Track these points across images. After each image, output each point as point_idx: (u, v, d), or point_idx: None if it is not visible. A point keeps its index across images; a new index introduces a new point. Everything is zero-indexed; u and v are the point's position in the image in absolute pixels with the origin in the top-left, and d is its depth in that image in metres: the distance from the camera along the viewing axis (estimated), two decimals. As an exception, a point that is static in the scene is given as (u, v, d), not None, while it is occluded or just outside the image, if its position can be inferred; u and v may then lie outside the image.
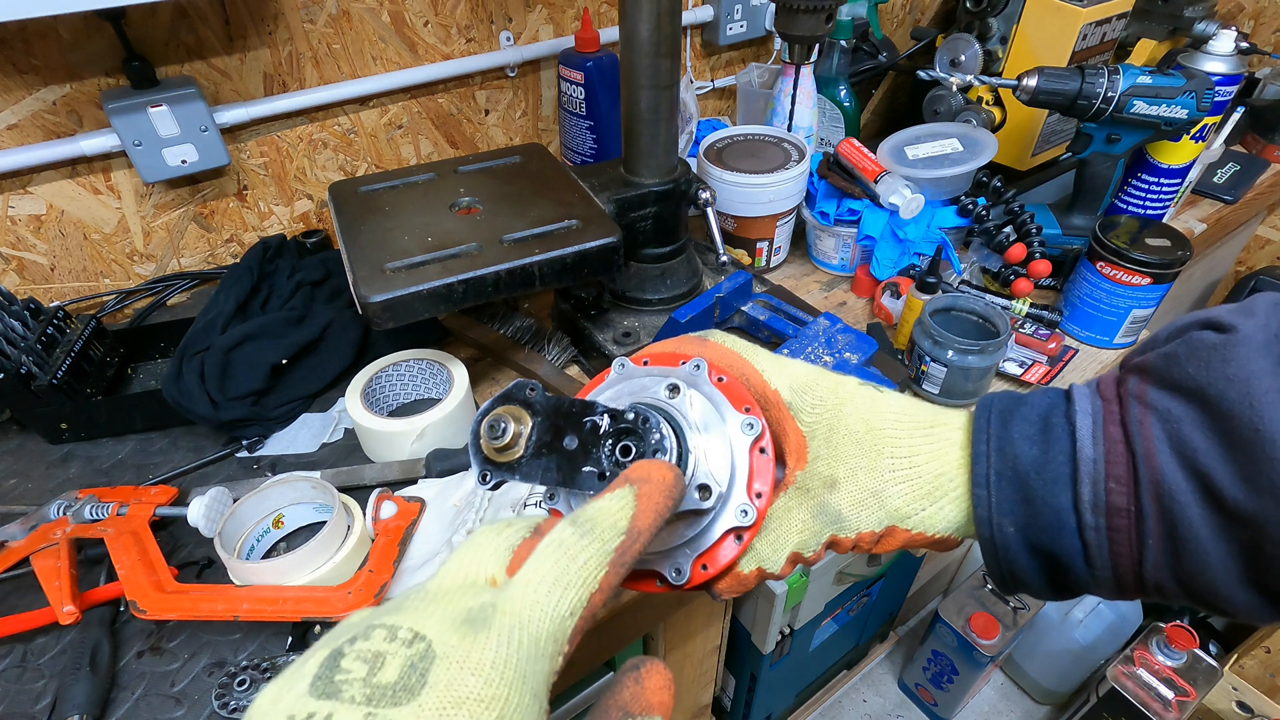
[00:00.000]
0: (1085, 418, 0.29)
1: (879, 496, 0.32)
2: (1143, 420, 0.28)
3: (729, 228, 0.87)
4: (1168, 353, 0.28)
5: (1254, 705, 1.15)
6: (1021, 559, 0.30)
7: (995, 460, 0.30)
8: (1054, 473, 0.29)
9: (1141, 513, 0.27)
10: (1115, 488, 0.28)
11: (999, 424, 0.31)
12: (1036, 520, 0.29)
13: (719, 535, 0.31)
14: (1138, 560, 0.28)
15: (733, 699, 1.19)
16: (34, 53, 0.70)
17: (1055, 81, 0.81)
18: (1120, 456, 0.28)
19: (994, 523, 0.30)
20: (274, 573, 0.51)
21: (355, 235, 0.64)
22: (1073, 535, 0.29)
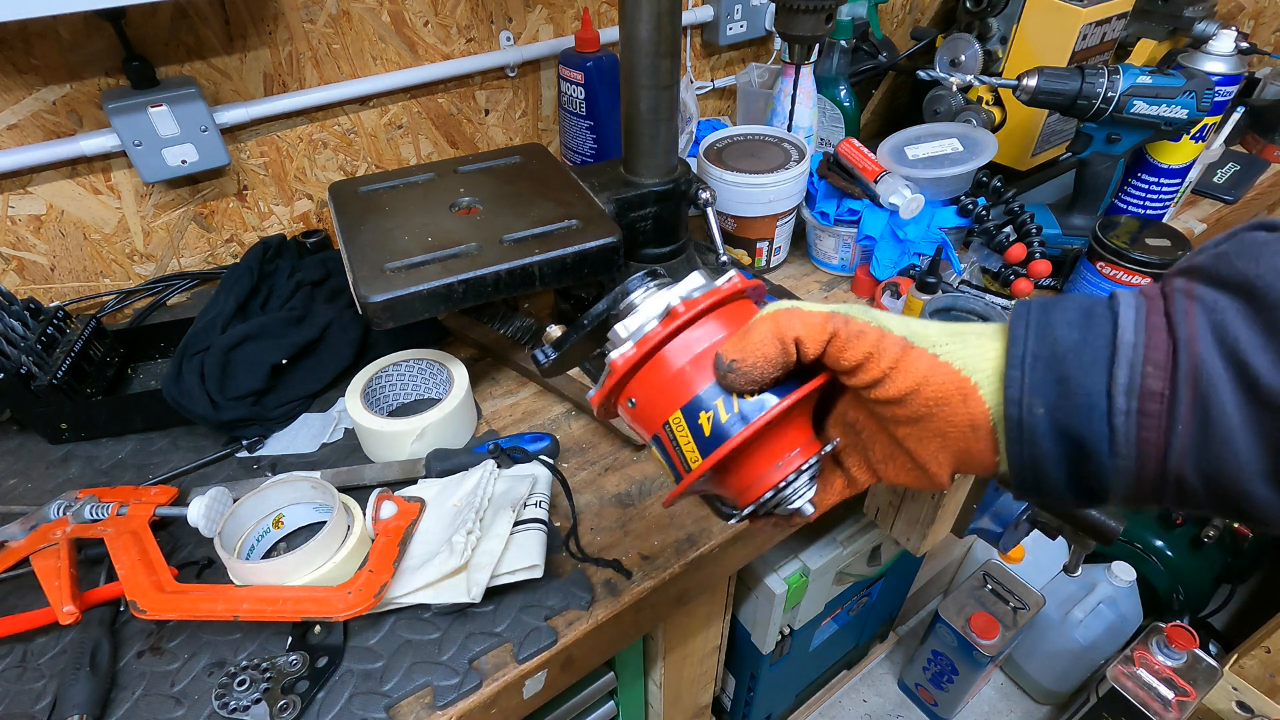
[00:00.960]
0: (1129, 309, 0.30)
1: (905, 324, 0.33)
2: (1188, 310, 0.29)
3: (729, 228, 0.87)
4: (1218, 252, 0.29)
5: (1254, 705, 1.15)
6: (1047, 444, 0.30)
7: (1033, 343, 0.31)
8: (1092, 355, 0.30)
9: (1175, 398, 0.28)
10: (1152, 372, 0.28)
11: (1040, 312, 0.32)
12: (1068, 401, 0.30)
13: (653, 324, 0.35)
14: (1164, 448, 0.28)
15: (733, 699, 1.19)
16: (34, 53, 0.70)
17: (1055, 81, 0.81)
18: (1161, 342, 0.29)
19: (1024, 403, 0.30)
20: (274, 573, 0.51)
21: (355, 235, 0.64)
22: (1101, 420, 0.29)
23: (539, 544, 0.55)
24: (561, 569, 0.57)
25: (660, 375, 0.34)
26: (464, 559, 0.52)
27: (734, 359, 0.32)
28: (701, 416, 0.34)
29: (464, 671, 0.50)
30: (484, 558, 0.53)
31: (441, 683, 0.50)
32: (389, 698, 0.49)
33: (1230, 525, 1.39)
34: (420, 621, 0.53)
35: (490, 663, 0.51)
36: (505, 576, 0.53)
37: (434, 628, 0.53)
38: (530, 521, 0.56)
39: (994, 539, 0.76)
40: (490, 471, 0.59)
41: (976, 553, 1.48)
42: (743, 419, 0.33)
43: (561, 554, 0.58)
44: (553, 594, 0.55)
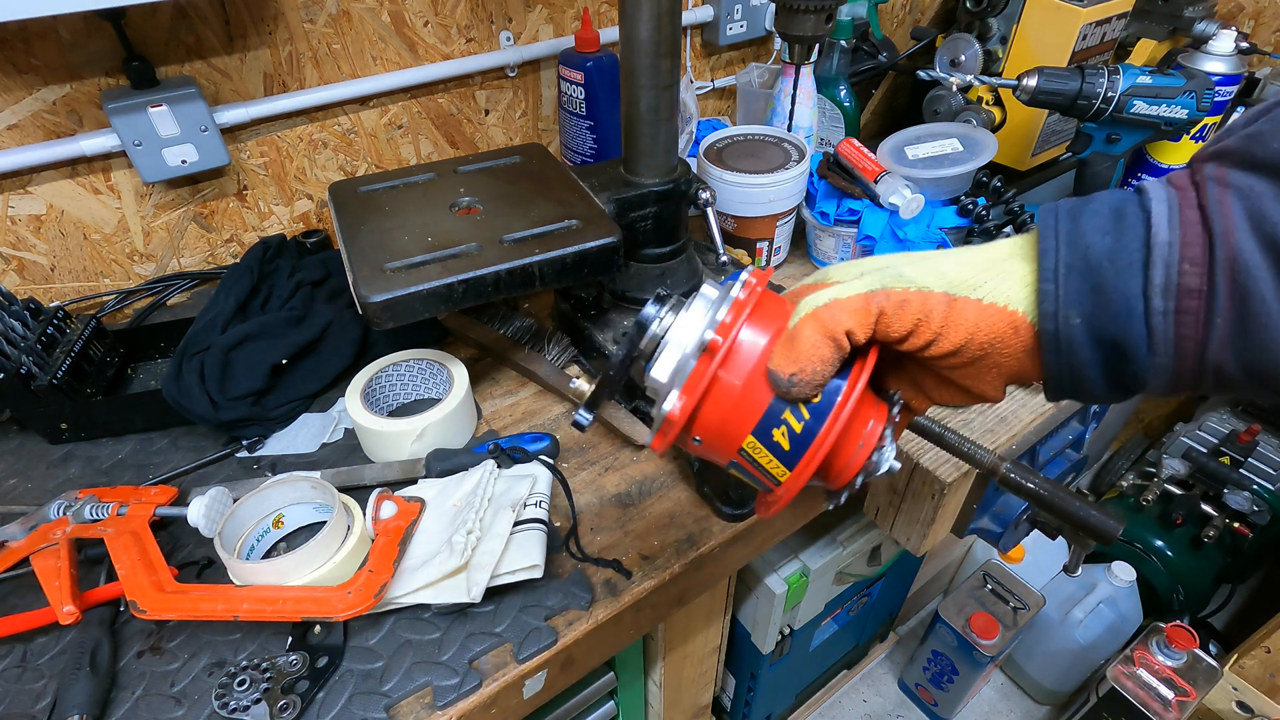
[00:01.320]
0: (1160, 204, 0.29)
1: (935, 270, 0.33)
2: (1222, 200, 0.28)
3: (729, 228, 0.87)
4: (1250, 133, 0.29)
5: (1254, 705, 1.15)
6: (1084, 352, 0.31)
7: (1065, 253, 0.30)
8: (1126, 259, 0.29)
9: (1213, 293, 0.28)
10: (1189, 269, 0.28)
11: (1068, 220, 0.31)
12: (1105, 308, 0.30)
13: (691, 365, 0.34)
14: (1202, 342, 0.28)
15: (733, 699, 1.19)
16: (34, 53, 0.70)
17: (1055, 81, 0.81)
18: (1196, 238, 0.28)
19: (1060, 316, 0.30)
20: (274, 573, 0.51)
21: (355, 235, 0.64)
22: (1140, 322, 0.29)
23: (539, 544, 0.55)
24: (561, 569, 0.57)
25: (720, 410, 0.34)
26: (464, 559, 0.52)
27: (793, 373, 0.32)
28: (775, 434, 0.34)
29: (464, 671, 0.50)
30: (484, 558, 0.53)
31: (441, 683, 0.50)
32: (389, 698, 0.49)
33: (1230, 525, 1.39)
34: (420, 621, 0.53)
35: (490, 663, 0.51)
36: (505, 576, 0.53)
37: (434, 628, 0.53)
38: (530, 521, 0.56)
39: (994, 539, 0.76)
40: (490, 471, 0.59)
41: (976, 553, 1.48)
42: (817, 421, 0.33)
43: (561, 554, 0.58)
44: (553, 594, 0.55)
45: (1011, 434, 0.69)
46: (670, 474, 0.65)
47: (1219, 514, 1.40)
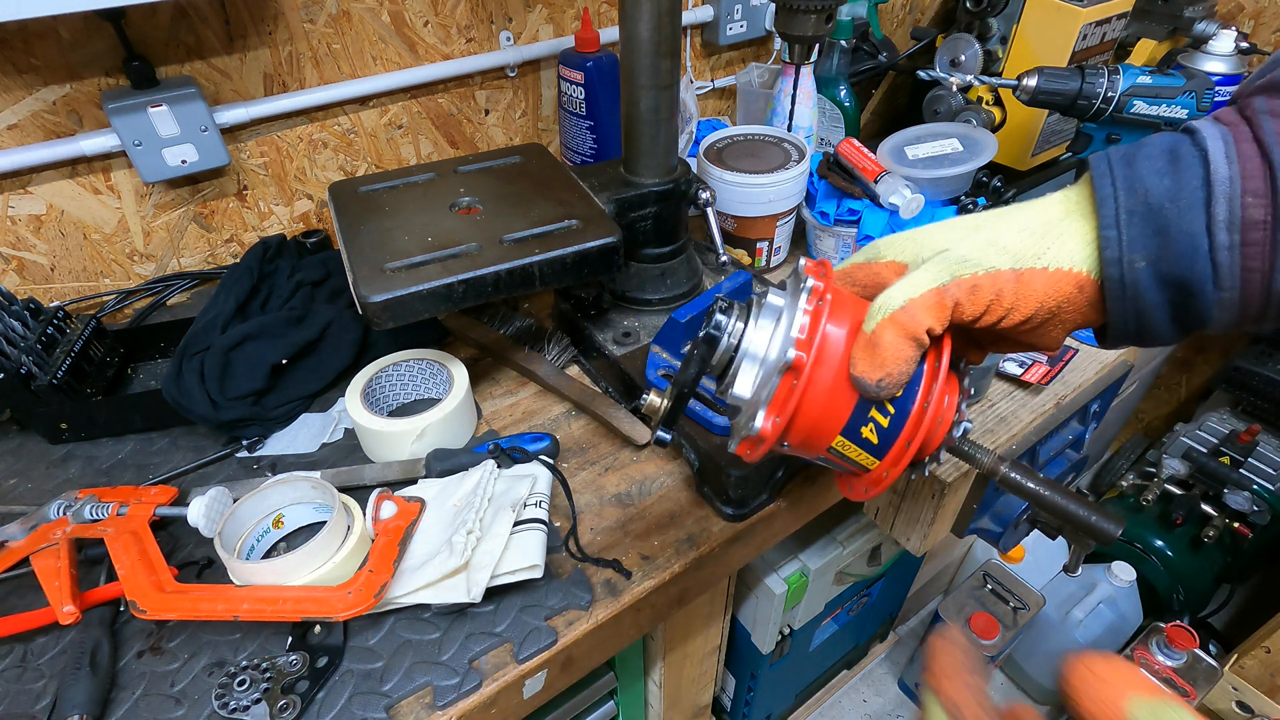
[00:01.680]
0: (1216, 141, 0.30)
1: (996, 244, 0.33)
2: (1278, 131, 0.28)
3: (729, 228, 0.87)
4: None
5: (1254, 705, 1.15)
6: (1151, 294, 0.31)
7: (1125, 199, 0.31)
8: (1188, 199, 0.29)
9: (1278, 221, 0.28)
10: (1252, 201, 0.28)
11: (1123, 166, 0.31)
12: (1170, 249, 0.30)
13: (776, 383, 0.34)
14: (1269, 272, 0.29)
15: (733, 699, 1.19)
16: (34, 53, 0.70)
17: (1055, 81, 0.81)
18: (1257, 170, 0.29)
19: (1124, 261, 0.31)
20: (274, 573, 0.51)
21: (355, 235, 0.64)
22: (1205, 259, 0.29)
23: (539, 544, 0.55)
24: (561, 569, 0.57)
25: (808, 420, 0.34)
26: (464, 559, 0.52)
27: (880, 378, 0.32)
28: (864, 432, 0.34)
29: (464, 671, 0.50)
30: (484, 558, 0.53)
31: (441, 683, 0.50)
32: (389, 698, 0.49)
33: (1230, 525, 1.39)
34: (420, 621, 0.53)
35: (490, 663, 0.51)
36: (505, 576, 0.53)
37: (434, 628, 0.53)
38: (530, 521, 0.56)
39: (994, 539, 0.76)
40: (490, 471, 0.59)
41: (976, 553, 1.48)
42: (902, 413, 0.34)
43: (561, 554, 0.58)
44: (553, 594, 0.55)
45: (1011, 434, 0.69)
46: (670, 474, 0.65)
47: (1219, 514, 1.40)
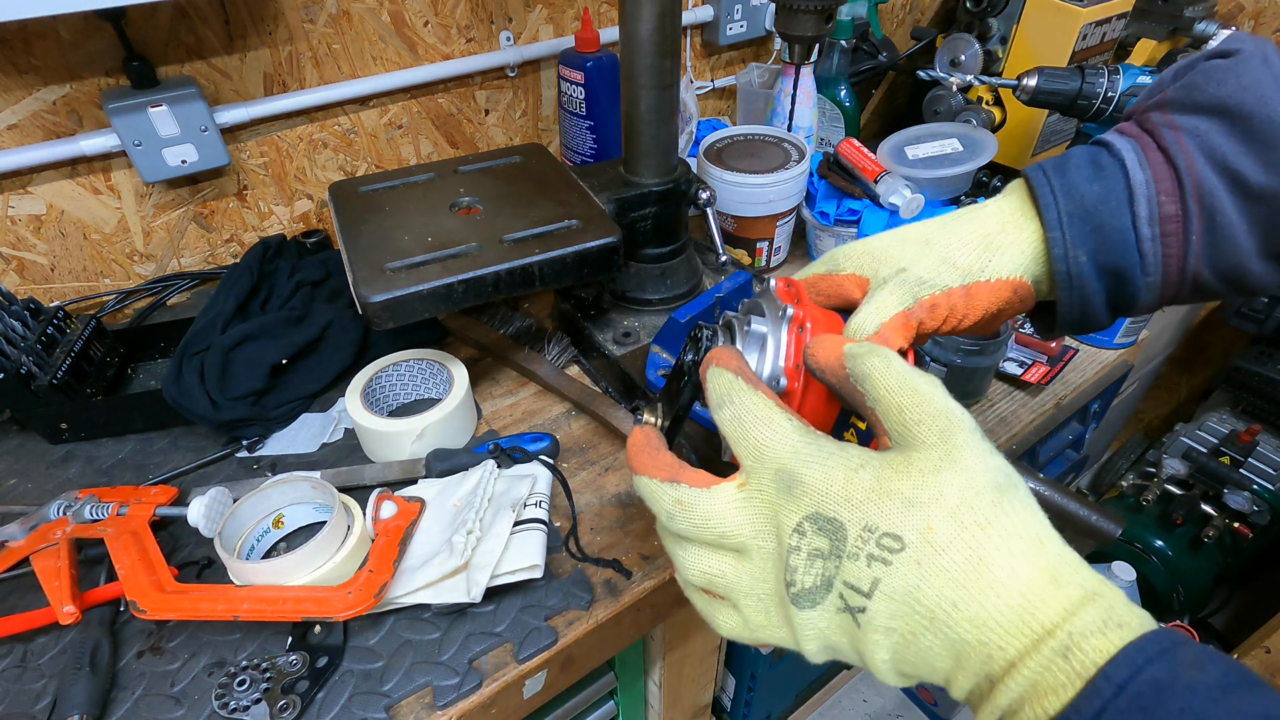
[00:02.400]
0: (1129, 152, 0.35)
1: (948, 261, 0.37)
2: (1177, 140, 0.34)
3: (729, 228, 0.87)
4: (1185, 84, 0.35)
5: (1254, 705, 1.15)
6: (1092, 283, 0.36)
7: (1064, 204, 0.35)
8: (1115, 200, 0.35)
9: (1187, 214, 0.34)
10: (1165, 199, 0.34)
11: (1058, 176, 0.36)
12: (1106, 243, 0.35)
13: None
14: (1183, 258, 0.35)
15: (733, 699, 1.19)
16: (34, 53, 0.70)
17: (1055, 81, 0.81)
18: (1165, 173, 0.34)
19: (1069, 257, 0.36)
20: (274, 573, 0.51)
21: (355, 235, 0.64)
22: (1133, 250, 0.35)
23: (539, 544, 0.55)
24: (561, 569, 0.57)
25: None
26: (464, 559, 0.52)
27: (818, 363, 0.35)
28: (845, 436, 0.38)
29: (464, 671, 0.50)
30: (484, 558, 0.53)
31: (441, 683, 0.50)
32: (389, 698, 0.49)
33: (1230, 525, 1.40)
34: (420, 621, 0.53)
35: (490, 663, 0.51)
36: (505, 576, 0.53)
37: (434, 628, 0.53)
38: (530, 521, 0.56)
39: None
40: (490, 471, 0.59)
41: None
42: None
43: (561, 554, 0.58)
44: (553, 594, 0.55)
45: (1011, 434, 0.69)
46: (670, 474, 0.65)
47: (1219, 514, 1.40)
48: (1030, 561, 0.25)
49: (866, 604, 0.26)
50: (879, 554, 0.26)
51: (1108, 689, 0.22)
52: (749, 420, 0.30)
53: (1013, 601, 0.24)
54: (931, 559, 0.25)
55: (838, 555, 0.27)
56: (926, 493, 0.26)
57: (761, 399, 0.31)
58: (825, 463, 0.28)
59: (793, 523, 0.28)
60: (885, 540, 0.26)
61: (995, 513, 0.26)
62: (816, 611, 0.27)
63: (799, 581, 0.28)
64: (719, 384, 0.32)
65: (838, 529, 0.27)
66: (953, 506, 0.26)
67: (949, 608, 0.25)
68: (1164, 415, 1.84)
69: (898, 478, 0.27)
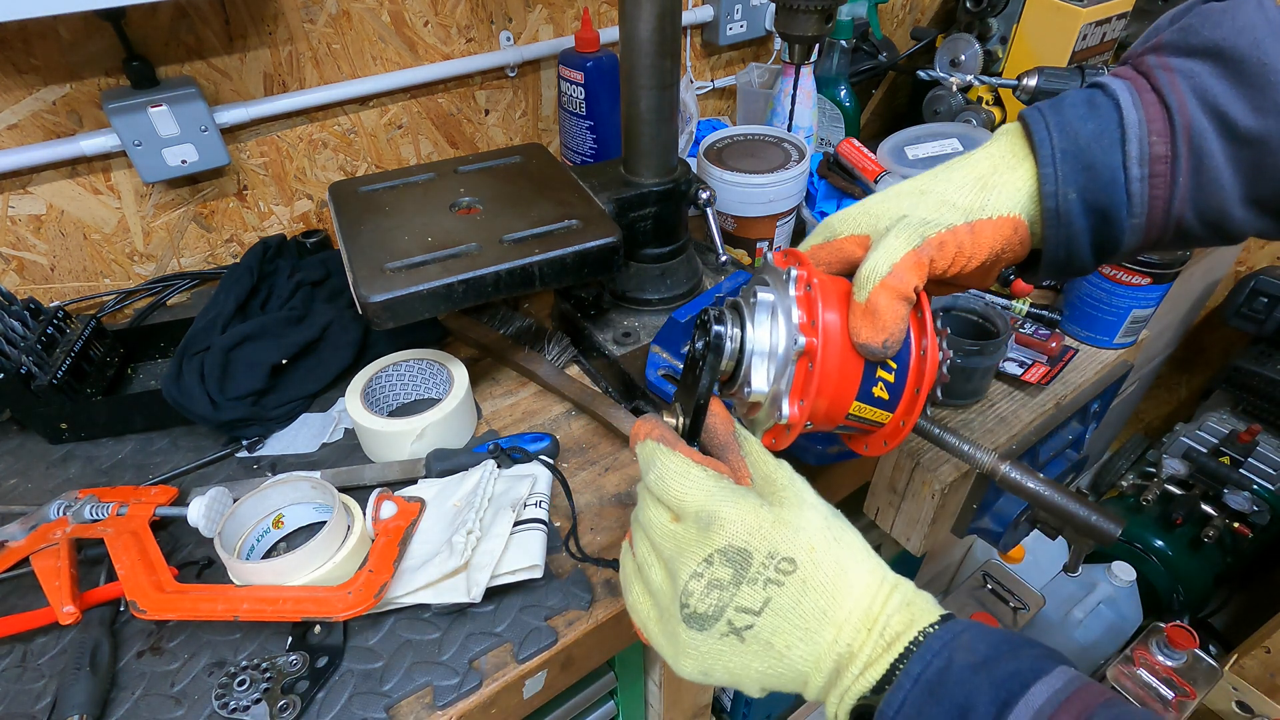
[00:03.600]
0: (1123, 92, 0.35)
1: (947, 202, 0.37)
2: (1171, 82, 0.34)
3: (729, 228, 0.87)
4: (1181, 27, 0.35)
5: (1254, 705, 1.15)
6: (1079, 221, 0.36)
7: (1058, 140, 0.36)
8: (1108, 139, 0.35)
9: (1176, 155, 0.34)
10: (1156, 140, 0.34)
11: (1054, 114, 0.37)
12: (1095, 181, 0.35)
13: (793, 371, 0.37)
14: (1169, 200, 0.35)
15: (733, 699, 1.19)
16: (34, 53, 0.70)
17: (1055, 81, 0.81)
18: (1157, 114, 0.34)
19: (1059, 194, 0.36)
20: (274, 573, 0.51)
21: (355, 235, 0.64)
22: (1121, 190, 0.35)
23: (539, 544, 0.55)
24: (561, 569, 0.57)
25: (827, 396, 0.37)
26: (464, 559, 0.52)
27: (884, 339, 0.36)
28: (875, 391, 0.38)
29: (464, 671, 0.50)
30: (484, 558, 0.53)
31: (441, 683, 0.50)
32: (389, 698, 0.49)
33: (1230, 525, 1.39)
34: (420, 621, 0.53)
35: (490, 663, 0.51)
36: (505, 576, 0.53)
37: (434, 628, 0.53)
38: (530, 521, 0.56)
39: (994, 539, 0.75)
40: (490, 471, 0.59)
41: (976, 553, 1.48)
42: (904, 365, 0.38)
43: (561, 554, 0.58)
44: (553, 594, 0.55)
45: (1011, 434, 0.69)
46: (670, 474, 0.65)
47: (1219, 514, 1.40)
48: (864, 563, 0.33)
49: (754, 621, 0.32)
50: (775, 577, 0.32)
51: (907, 681, 0.29)
52: (669, 476, 0.35)
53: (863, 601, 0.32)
54: (813, 574, 0.32)
55: (737, 583, 0.32)
56: (803, 520, 0.33)
57: (680, 457, 0.35)
58: (738, 502, 0.33)
59: (702, 555, 0.33)
60: (783, 564, 0.32)
61: (839, 529, 0.34)
62: (704, 635, 0.32)
63: (693, 605, 0.32)
64: (644, 453, 0.37)
65: (746, 557, 0.32)
66: (821, 529, 0.33)
67: (820, 615, 0.31)
68: (1164, 415, 1.84)
69: (785, 511, 0.33)
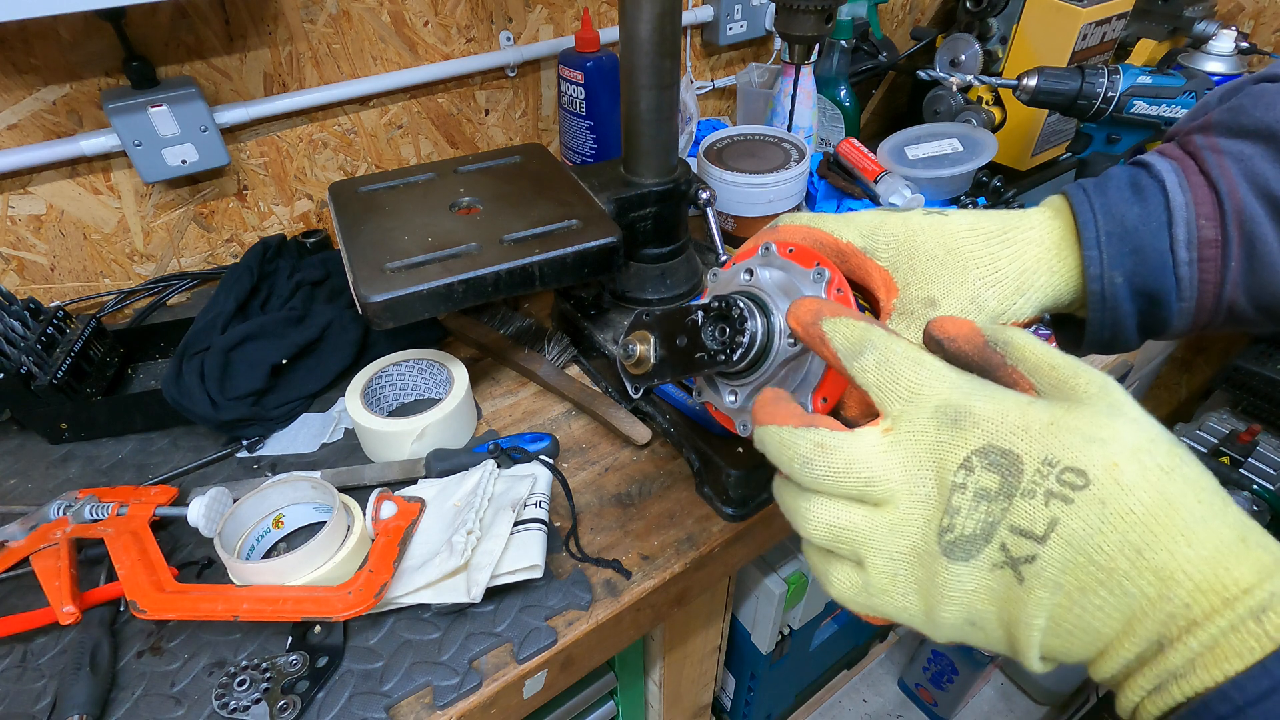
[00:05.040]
0: (1169, 174, 0.35)
1: (976, 303, 0.36)
2: (1220, 164, 0.33)
3: (729, 228, 0.87)
4: (1231, 107, 0.34)
5: (1254, 705, 1.15)
6: (1125, 305, 0.36)
7: (1104, 223, 0.35)
8: (1155, 222, 0.34)
9: (1227, 240, 0.33)
10: (1205, 223, 0.33)
11: (1097, 195, 0.36)
12: (1143, 265, 0.35)
13: (823, 368, 0.35)
14: (1220, 284, 0.34)
15: (733, 699, 1.19)
16: (34, 53, 0.70)
17: (1055, 81, 0.81)
18: (1206, 197, 0.34)
19: (1105, 277, 0.35)
20: (274, 573, 0.51)
21: (355, 235, 0.64)
22: (1169, 274, 0.34)
23: (539, 544, 0.55)
24: (561, 569, 0.57)
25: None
26: (464, 559, 0.52)
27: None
28: None
29: (464, 671, 0.50)
30: (484, 558, 0.53)
31: (441, 683, 0.50)
32: (389, 698, 0.49)
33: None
34: (420, 621, 0.53)
35: (490, 663, 0.51)
36: (505, 576, 0.53)
37: (434, 628, 0.53)
38: (530, 521, 0.56)
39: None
40: (490, 471, 0.59)
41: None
42: None
43: (561, 554, 0.58)
44: (553, 594, 0.55)
45: (1011, 434, 0.69)
46: (670, 474, 0.65)
47: (1219, 514, 1.40)
48: (1219, 516, 0.23)
49: (1038, 551, 0.23)
50: (1059, 490, 0.23)
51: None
52: (898, 361, 0.28)
53: (1205, 553, 0.22)
54: (1118, 498, 0.23)
55: (1008, 495, 0.24)
56: (1106, 431, 0.24)
57: (905, 342, 0.29)
58: (995, 395, 0.26)
59: (959, 458, 0.25)
60: (1067, 475, 0.23)
61: (1175, 461, 0.23)
62: (969, 567, 0.25)
63: (959, 526, 0.25)
64: (850, 332, 0.29)
65: (1013, 462, 0.24)
66: (1133, 447, 0.23)
67: (1133, 554, 0.22)
68: (1164, 415, 1.84)
69: (1072, 416, 0.24)
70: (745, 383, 0.38)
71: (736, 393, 0.39)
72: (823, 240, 0.38)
